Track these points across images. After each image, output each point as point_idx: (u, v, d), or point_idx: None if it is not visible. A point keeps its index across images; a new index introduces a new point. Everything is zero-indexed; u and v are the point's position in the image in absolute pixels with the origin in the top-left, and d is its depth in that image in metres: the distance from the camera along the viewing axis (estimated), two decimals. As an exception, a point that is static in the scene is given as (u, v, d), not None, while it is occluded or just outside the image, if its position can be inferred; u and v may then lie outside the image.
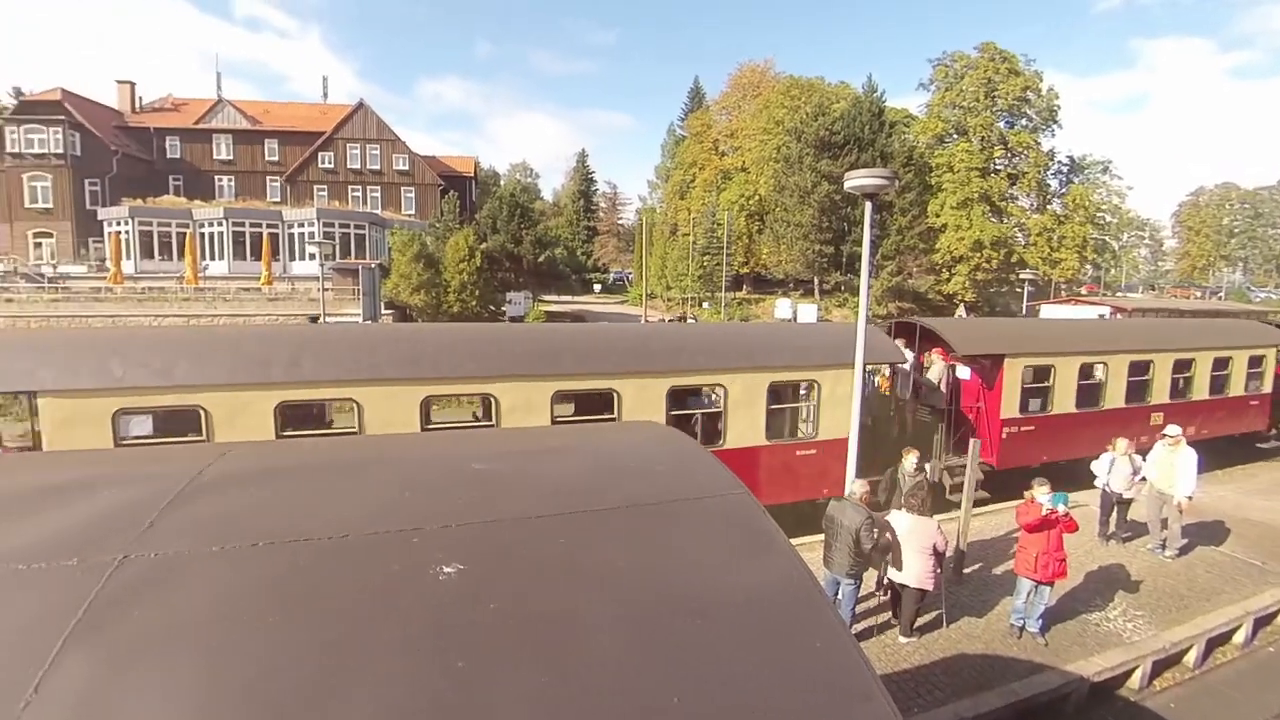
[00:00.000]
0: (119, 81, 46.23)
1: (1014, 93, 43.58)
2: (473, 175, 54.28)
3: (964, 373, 10.97)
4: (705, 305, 44.64)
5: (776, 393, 8.92)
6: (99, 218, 37.27)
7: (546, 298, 46.60)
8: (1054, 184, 47.68)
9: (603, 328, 14.04)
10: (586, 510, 1.63)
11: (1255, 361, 13.31)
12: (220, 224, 36.22)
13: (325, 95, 53.95)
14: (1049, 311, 26.48)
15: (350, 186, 45.92)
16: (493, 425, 7.29)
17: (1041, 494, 6.40)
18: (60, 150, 39.56)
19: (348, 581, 1.34)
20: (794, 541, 1.98)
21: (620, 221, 73.82)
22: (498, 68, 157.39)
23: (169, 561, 1.38)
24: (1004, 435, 10.62)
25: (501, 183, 73.82)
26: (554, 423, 7.61)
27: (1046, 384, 10.94)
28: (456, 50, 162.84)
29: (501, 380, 7.42)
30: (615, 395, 7.88)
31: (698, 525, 1.65)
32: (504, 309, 36.96)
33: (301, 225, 36.61)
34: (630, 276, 62.42)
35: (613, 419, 7.87)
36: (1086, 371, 11.50)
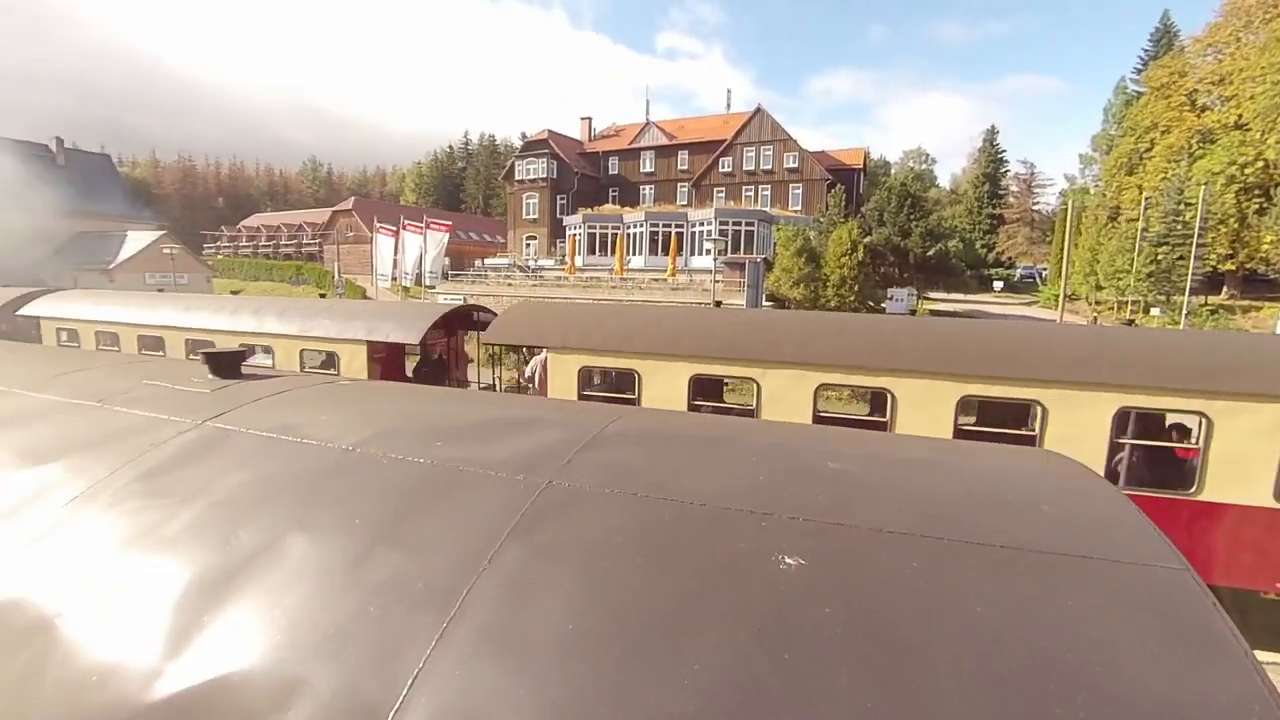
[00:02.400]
0: (581, 118, 59.36)
1: None
2: (861, 167, 52.92)
3: None
4: (1155, 311, 33.93)
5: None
6: (564, 224, 48.65)
7: (933, 295, 42.42)
8: None
9: (1030, 325, 11.70)
10: (948, 538, 1.44)
11: None
12: (641, 225, 43.45)
13: (728, 106, 59.44)
14: None
15: (744, 187, 49.70)
16: (885, 422, 6.96)
17: None
18: (544, 175, 53.07)
19: (700, 546, 1.48)
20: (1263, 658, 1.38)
21: (1036, 207, 62.23)
22: (892, 50, 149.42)
23: (575, 492, 1.74)
24: None
25: (892, 172, 70.01)
26: (957, 434, 6.79)
27: None
28: (847, 41, 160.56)
29: (900, 375, 6.76)
30: (1038, 410, 6.27)
31: (1102, 595, 1.29)
32: (883, 305, 35.19)
33: (702, 224, 41.31)
34: (1043, 273, 52.20)
35: (1030, 438, 6.45)
36: None
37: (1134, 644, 1.17)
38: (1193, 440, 6.46)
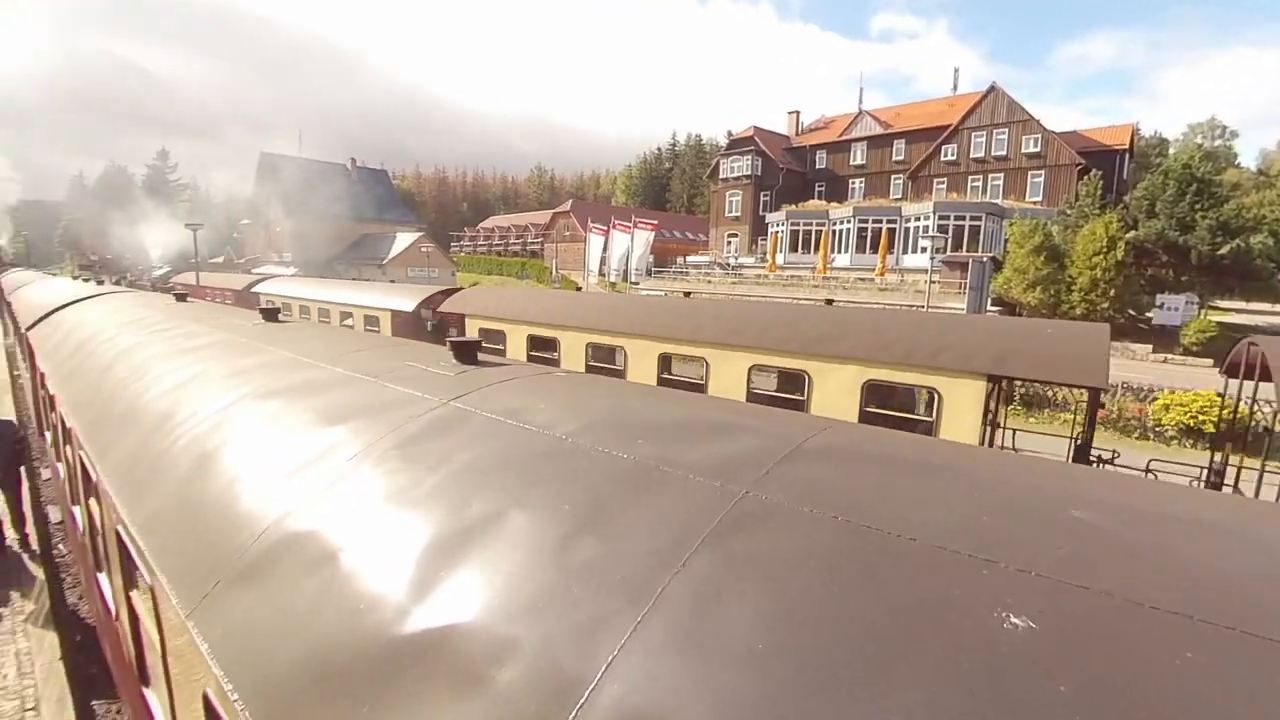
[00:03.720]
0: (788, 112, 57.85)
1: None
2: (1125, 147, 44.31)
3: None
4: None
5: None
6: (766, 221, 47.99)
7: (1221, 304, 33.95)
8: None
9: None
10: (1246, 632, 1.13)
11: None
12: (849, 222, 41.22)
13: (955, 87, 53.71)
14: None
15: (970, 177, 44.67)
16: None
17: None
18: (748, 173, 52.74)
19: (905, 583, 1.35)
20: None
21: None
22: (1171, 0, 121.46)
23: (772, 506, 1.70)
24: None
25: (1170, 152, 57.59)
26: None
27: None
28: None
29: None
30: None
31: None
32: (1149, 315, 29.26)
33: (917, 219, 37.98)
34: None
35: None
36: None
37: None
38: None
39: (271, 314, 6.74)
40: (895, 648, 1.19)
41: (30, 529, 8.81)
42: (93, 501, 4.08)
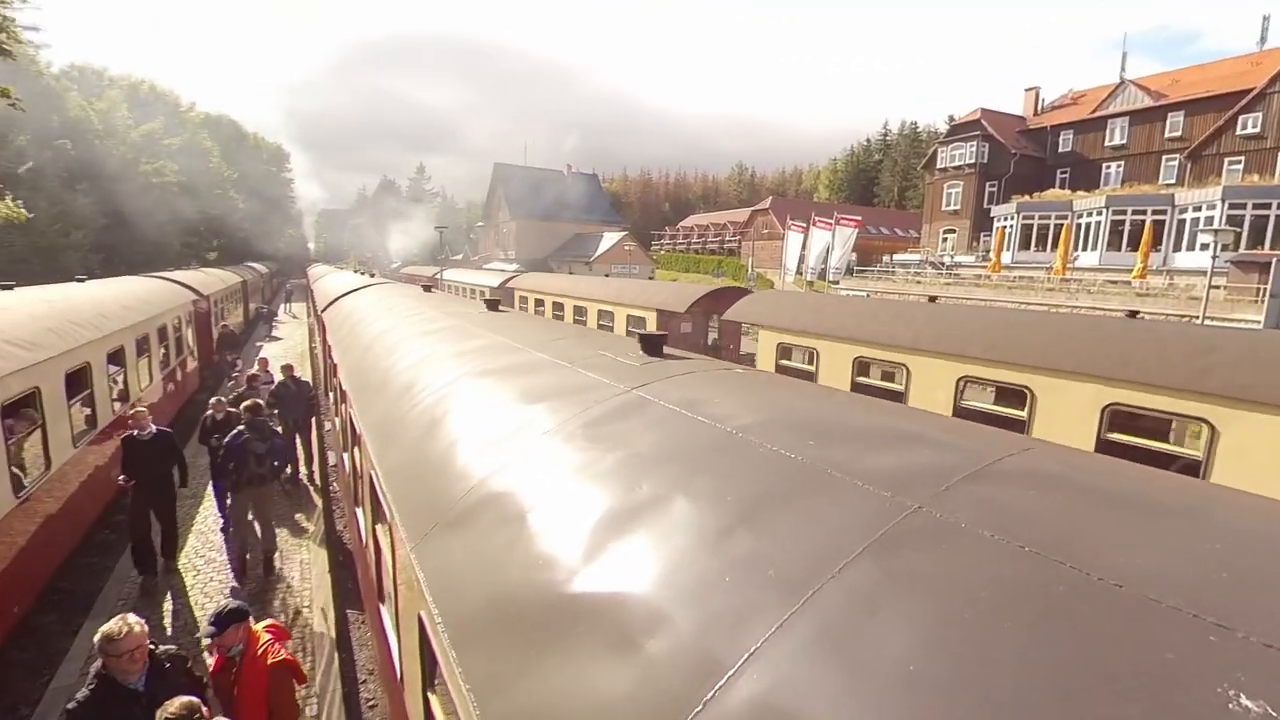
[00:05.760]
0: (1026, 89, 50.62)
1: None
2: None
3: None
4: None
5: None
6: (991, 215, 42.74)
7: None
8: None
9: None
10: None
11: None
12: (1099, 214, 35.09)
13: (1262, 40, 42.65)
14: None
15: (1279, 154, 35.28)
16: None
17: None
18: (972, 160, 47.30)
19: (1103, 636, 1.17)
20: None
21: None
22: None
23: (947, 526, 1.57)
24: None
25: None
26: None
27: None
28: None
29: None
30: None
31: None
32: None
33: (1197, 209, 31.08)
34: None
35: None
36: None
37: None
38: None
39: (493, 304, 7.71)
40: (1080, 707, 1.04)
41: (315, 467, 11.14)
42: (356, 450, 5.03)
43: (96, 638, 3.46)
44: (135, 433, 7.42)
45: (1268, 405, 5.14)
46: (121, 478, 7.40)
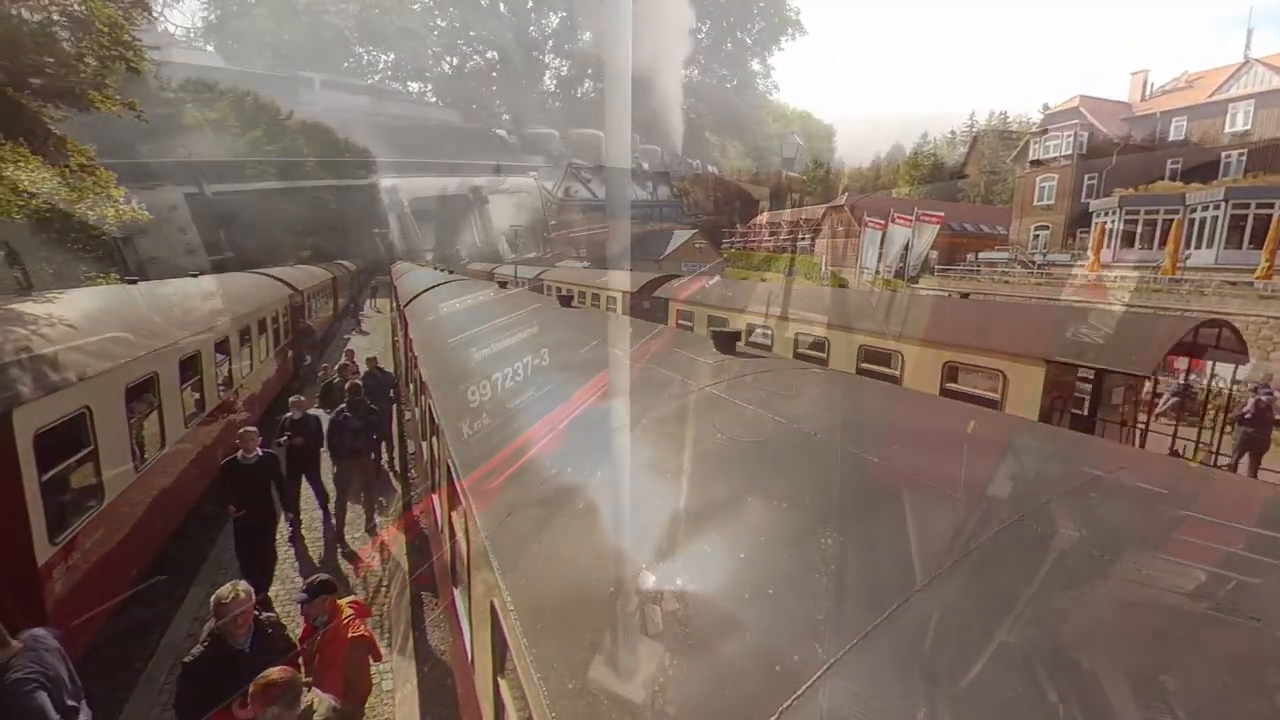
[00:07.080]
0: (1132, 74, 46.79)
1: None
2: None
3: None
4: None
5: None
6: (1090, 209, 39.81)
7: None
8: None
9: None
10: None
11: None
12: (1217, 207, 32.01)
13: None
14: None
15: None
16: None
17: None
18: (1068, 151, 44.18)
19: (1215, 685, 1.04)
20: None
21: None
22: None
23: (1046, 540, 1.46)
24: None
25: None
26: None
27: None
28: None
29: None
30: None
31: None
32: None
33: (1336, 202, 27.79)
34: None
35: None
36: None
37: None
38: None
39: (566, 300, 7.84)
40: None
41: (395, 455, 11.69)
42: (434, 439, 5.22)
43: (211, 599, 3.77)
44: (240, 455, 6.61)
45: (1028, 358, 7.22)
46: (231, 508, 6.70)
